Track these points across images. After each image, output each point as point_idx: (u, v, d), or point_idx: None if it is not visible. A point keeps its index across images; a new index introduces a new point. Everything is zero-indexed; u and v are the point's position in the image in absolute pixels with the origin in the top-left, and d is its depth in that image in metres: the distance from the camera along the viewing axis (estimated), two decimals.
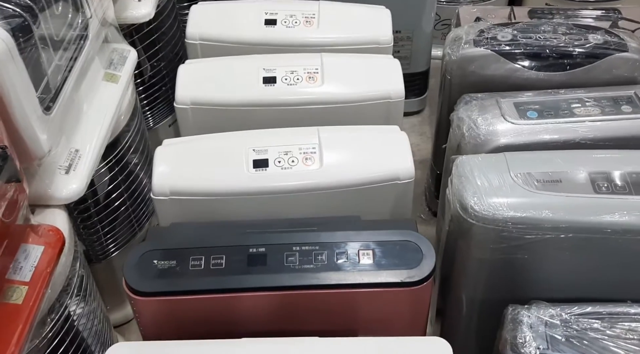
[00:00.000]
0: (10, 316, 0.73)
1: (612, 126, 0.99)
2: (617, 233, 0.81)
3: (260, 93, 1.15)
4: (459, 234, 0.89)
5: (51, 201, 0.89)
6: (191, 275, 0.86)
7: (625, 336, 0.72)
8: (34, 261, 0.79)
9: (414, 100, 1.74)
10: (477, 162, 0.90)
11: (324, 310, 0.87)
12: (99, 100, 1.02)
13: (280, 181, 1.00)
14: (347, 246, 0.88)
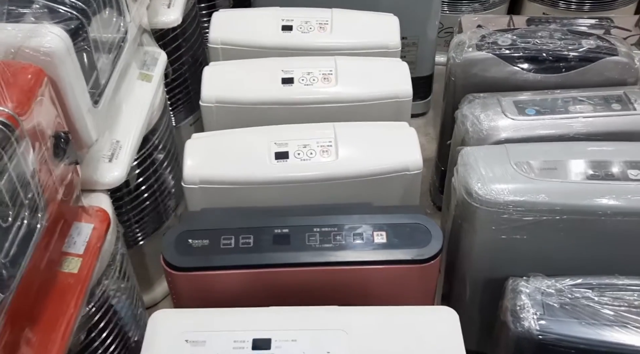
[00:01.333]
0: (67, 283, 0.82)
1: (603, 122, 1.09)
2: (607, 215, 0.91)
3: (279, 92, 1.24)
4: (464, 218, 0.99)
5: (96, 186, 0.98)
6: (222, 253, 0.96)
7: (613, 303, 0.82)
8: (86, 237, 0.88)
9: (419, 103, 1.84)
10: (481, 152, 1.00)
11: (342, 284, 0.96)
12: (135, 97, 1.12)
13: (300, 172, 1.10)
14: (362, 228, 0.98)
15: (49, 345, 0.76)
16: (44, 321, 0.78)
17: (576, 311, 0.81)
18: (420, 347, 0.82)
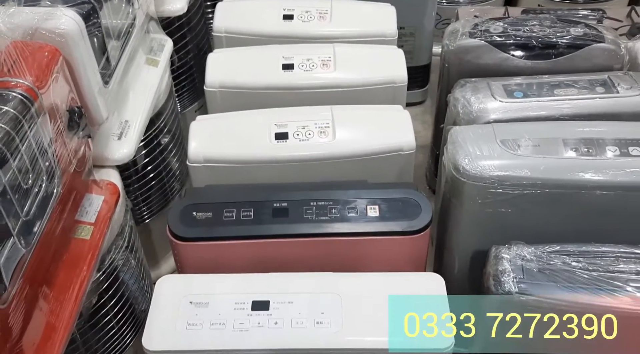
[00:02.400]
0: (80, 249, 0.89)
1: (587, 104, 1.14)
2: (586, 188, 0.97)
3: (280, 78, 1.30)
4: (453, 193, 1.05)
5: (107, 162, 1.04)
6: (225, 225, 1.02)
7: (588, 268, 0.87)
8: (97, 208, 0.94)
9: (416, 92, 1.90)
10: (469, 131, 1.06)
11: (337, 255, 1.02)
12: (142, 80, 1.18)
13: (299, 152, 1.16)
14: (356, 202, 1.04)
15: (64, 303, 0.83)
16: (58, 282, 0.84)
17: (553, 275, 0.87)
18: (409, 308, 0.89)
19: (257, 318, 0.88)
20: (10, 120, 0.69)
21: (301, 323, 0.87)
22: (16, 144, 0.69)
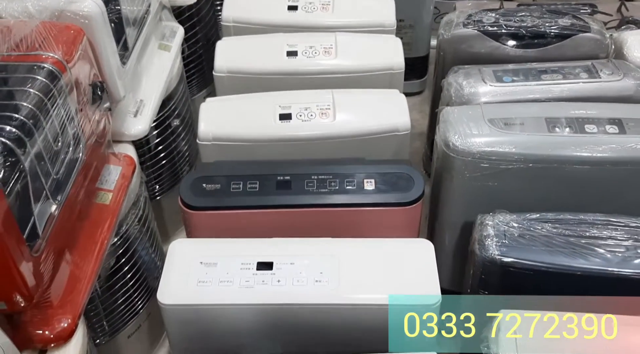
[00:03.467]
0: (101, 212, 0.97)
1: (571, 88, 1.22)
2: (565, 163, 1.05)
3: (284, 64, 1.38)
4: (444, 168, 1.13)
5: (123, 138, 1.13)
6: (232, 195, 1.10)
7: (565, 233, 0.95)
8: (115, 177, 1.03)
9: (415, 82, 1.98)
10: (459, 111, 1.14)
11: (336, 224, 1.10)
12: (156, 64, 1.27)
13: (301, 131, 1.24)
14: (354, 176, 1.12)
15: (87, 259, 0.91)
16: (82, 241, 0.93)
17: (533, 240, 0.95)
18: (400, 269, 0.97)
19: (262, 276, 0.96)
20: (43, 88, 0.78)
21: (302, 281, 0.95)
22: (48, 110, 0.77)
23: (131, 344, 1.17)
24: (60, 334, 0.82)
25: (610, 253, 0.93)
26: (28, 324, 0.80)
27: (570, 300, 0.91)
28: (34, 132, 0.73)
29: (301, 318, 0.94)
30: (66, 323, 0.83)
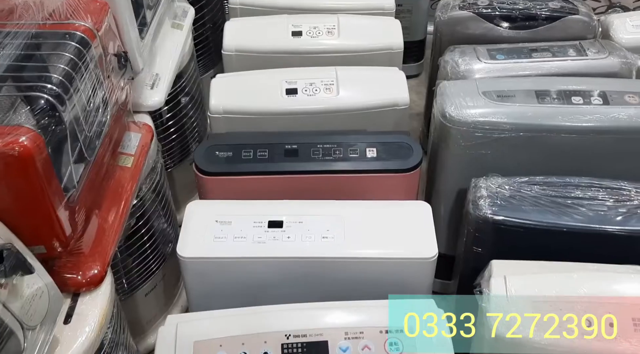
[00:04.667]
0: (124, 174, 1.05)
1: (559, 65, 1.30)
2: (553, 132, 1.13)
3: (289, 43, 1.46)
4: (441, 138, 1.21)
5: (141, 108, 1.20)
6: (243, 162, 1.18)
7: (551, 194, 1.04)
8: (136, 143, 1.10)
9: (412, 66, 2.06)
10: (455, 84, 1.22)
11: (340, 189, 1.18)
12: (169, 41, 1.34)
13: (306, 105, 1.32)
14: (357, 145, 1.20)
15: (112, 215, 0.99)
16: (108, 198, 1.00)
17: (522, 200, 1.03)
18: (400, 226, 1.05)
19: (273, 233, 1.04)
20: (77, 52, 0.85)
21: (310, 237, 1.03)
22: (82, 73, 0.85)
23: (148, 301, 1.24)
24: (91, 280, 0.90)
25: (593, 212, 1.01)
26: (62, 270, 0.87)
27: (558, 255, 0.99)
28: (70, 91, 0.81)
29: (309, 270, 1.02)
30: (96, 270, 0.91)
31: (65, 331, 0.85)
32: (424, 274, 1.03)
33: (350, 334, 0.89)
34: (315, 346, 0.88)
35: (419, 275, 1.03)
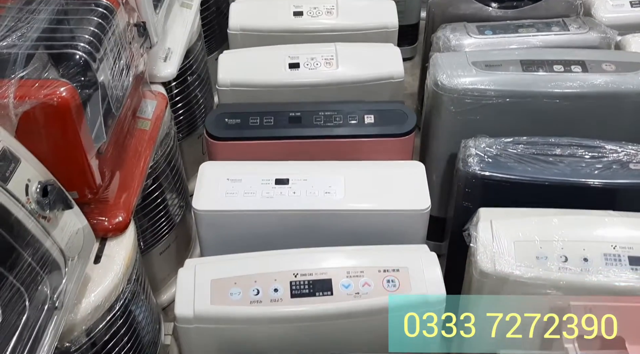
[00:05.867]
0: (142, 135, 1.14)
1: (543, 39, 1.41)
2: (537, 97, 1.23)
3: (291, 22, 1.56)
4: (433, 105, 1.31)
5: (155, 79, 1.30)
6: (250, 128, 1.27)
7: (534, 152, 1.13)
8: (152, 109, 1.20)
9: (407, 48, 2.15)
10: (447, 56, 1.32)
11: (340, 153, 1.27)
12: (179, 19, 1.44)
13: (308, 78, 1.41)
14: (356, 112, 1.29)
15: (135, 169, 1.08)
16: (129, 156, 1.10)
17: (508, 157, 1.13)
18: (396, 183, 1.15)
19: (280, 189, 1.13)
20: (103, 18, 0.94)
21: (313, 193, 1.13)
22: (108, 36, 0.94)
23: (163, 259, 1.34)
24: (117, 226, 0.99)
25: (572, 167, 1.11)
26: (91, 216, 0.96)
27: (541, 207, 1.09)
28: (100, 50, 0.90)
29: (313, 222, 1.12)
30: (121, 217, 1.00)
31: (96, 269, 0.94)
32: (418, 225, 1.13)
33: (351, 273, 0.99)
34: (320, 283, 0.98)
35: (414, 225, 1.12)
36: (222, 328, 0.96)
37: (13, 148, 0.77)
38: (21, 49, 0.85)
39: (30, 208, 0.75)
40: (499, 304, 1.01)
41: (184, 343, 0.99)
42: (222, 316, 0.95)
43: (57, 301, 0.78)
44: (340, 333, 0.98)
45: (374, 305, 0.97)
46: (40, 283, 0.76)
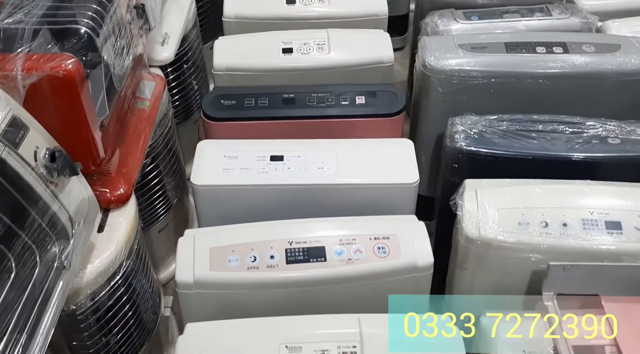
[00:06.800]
0: (142, 114, 1.19)
1: (527, 24, 1.46)
2: (521, 78, 1.28)
3: (284, 10, 1.60)
4: (422, 86, 1.36)
5: (153, 63, 1.34)
6: (246, 109, 1.32)
7: (517, 128, 1.18)
8: (151, 90, 1.24)
9: (397, 39, 2.19)
10: (434, 39, 1.37)
11: (333, 132, 1.31)
12: (176, 6, 1.48)
13: (301, 63, 1.46)
14: (347, 94, 1.34)
15: (135, 144, 1.13)
16: (130, 132, 1.14)
17: (492, 133, 1.18)
18: (386, 159, 1.20)
19: (275, 165, 1.18)
20: None
21: (307, 168, 1.18)
22: (110, 14, 0.98)
23: (161, 237, 1.38)
24: (119, 198, 1.04)
25: (553, 142, 1.16)
26: (94, 188, 0.99)
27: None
28: (102, 26, 0.94)
29: (307, 196, 1.16)
30: (123, 189, 1.04)
31: (100, 238, 0.99)
32: (408, 198, 1.18)
33: (344, 241, 1.04)
34: (314, 250, 1.02)
35: (403, 198, 1.17)
36: (220, 293, 1.01)
37: (22, 116, 0.81)
38: (27, 24, 0.89)
39: (39, 172, 0.80)
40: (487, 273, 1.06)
41: (185, 308, 1.03)
42: (221, 282, 1.00)
43: (65, 261, 0.82)
44: (333, 297, 1.03)
45: (365, 270, 1.02)
46: (50, 243, 0.80)
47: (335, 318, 0.94)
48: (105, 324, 1.00)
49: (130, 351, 1.08)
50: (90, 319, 0.96)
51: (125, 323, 1.05)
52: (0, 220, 0.72)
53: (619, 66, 1.27)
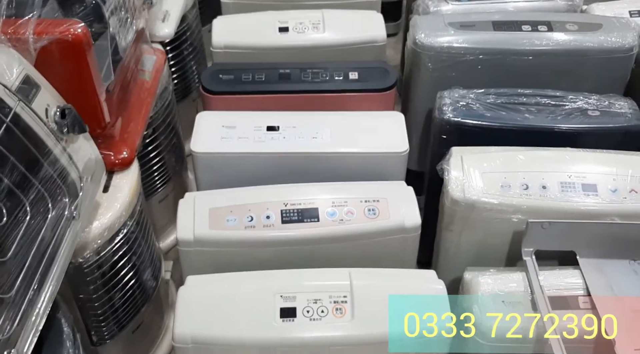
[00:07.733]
0: (144, 85, 1.24)
1: (515, 6, 1.52)
2: (507, 54, 1.34)
3: None
4: (413, 64, 1.41)
5: (154, 39, 1.39)
6: (243, 83, 1.37)
7: (502, 101, 1.24)
8: (152, 62, 1.29)
9: (390, 24, 2.24)
10: (425, 17, 1.43)
11: (327, 106, 1.37)
12: None
13: (297, 41, 1.51)
14: (342, 70, 1.40)
15: (138, 112, 1.18)
16: (133, 100, 1.19)
17: (479, 105, 1.24)
18: (378, 130, 1.25)
19: (271, 134, 1.24)
20: None
21: (302, 138, 1.23)
22: None
23: (161, 207, 1.43)
24: (123, 161, 1.09)
25: (537, 114, 1.22)
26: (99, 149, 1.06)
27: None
28: None
29: (302, 163, 1.22)
30: (126, 152, 1.10)
31: (105, 196, 1.04)
32: (398, 166, 1.23)
33: (336, 203, 1.10)
34: (308, 211, 1.08)
35: (394, 167, 1.23)
36: (219, 251, 1.06)
37: (34, 75, 0.86)
38: None
39: (50, 127, 0.85)
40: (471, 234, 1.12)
41: (185, 264, 1.09)
42: (220, 240, 1.06)
43: (75, 212, 0.88)
44: (325, 256, 1.09)
45: (356, 230, 1.08)
46: (60, 194, 0.86)
47: (327, 271, 1.00)
48: (109, 280, 1.06)
49: (133, 308, 1.14)
50: (96, 273, 1.02)
51: (128, 280, 1.10)
52: (16, 168, 0.77)
53: (600, 44, 1.33)
